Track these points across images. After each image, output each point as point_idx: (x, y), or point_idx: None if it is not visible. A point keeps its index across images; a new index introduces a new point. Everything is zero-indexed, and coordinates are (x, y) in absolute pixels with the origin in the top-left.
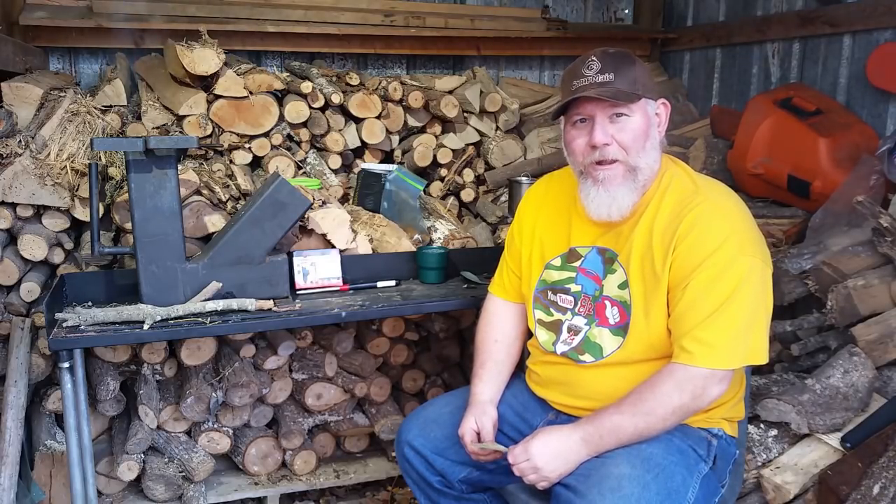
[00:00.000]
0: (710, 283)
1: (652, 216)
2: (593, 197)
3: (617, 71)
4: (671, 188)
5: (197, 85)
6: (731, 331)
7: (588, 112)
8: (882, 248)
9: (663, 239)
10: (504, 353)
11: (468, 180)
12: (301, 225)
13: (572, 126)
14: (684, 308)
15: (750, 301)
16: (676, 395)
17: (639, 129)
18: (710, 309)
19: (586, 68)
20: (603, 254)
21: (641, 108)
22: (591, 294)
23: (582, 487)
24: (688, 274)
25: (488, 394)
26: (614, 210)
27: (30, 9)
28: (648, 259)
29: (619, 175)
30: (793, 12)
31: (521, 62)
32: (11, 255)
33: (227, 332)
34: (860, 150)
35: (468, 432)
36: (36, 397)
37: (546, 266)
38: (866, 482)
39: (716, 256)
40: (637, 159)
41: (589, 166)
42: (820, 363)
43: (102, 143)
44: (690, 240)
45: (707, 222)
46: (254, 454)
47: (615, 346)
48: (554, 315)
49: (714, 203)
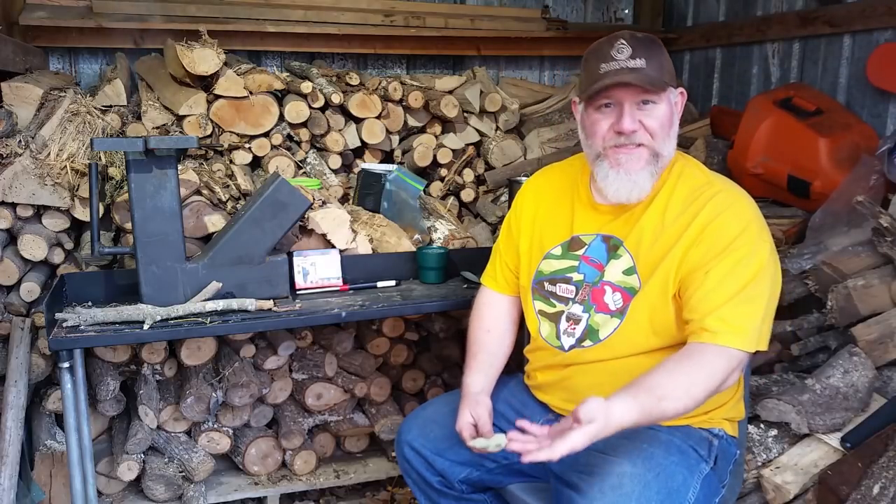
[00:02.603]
0: (734, 267)
1: (664, 202)
2: (612, 180)
3: (648, 57)
4: (683, 177)
5: (197, 85)
6: (751, 314)
7: (617, 97)
8: (882, 248)
9: (677, 224)
10: (496, 343)
11: (468, 180)
12: (301, 225)
13: (595, 109)
14: (707, 290)
15: (767, 287)
16: (702, 373)
17: (664, 116)
18: (734, 291)
19: (616, 51)
20: (607, 241)
21: (666, 95)
22: (591, 281)
23: (583, 485)
24: (711, 258)
25: (480, 384)
26: (635, 193)
27: (30, 9)
28: (659, 244)
29: (644, 159)
30: (793, 12)
31: (521, 62)
32: (11, 255)
33: (227, 332)
34: (860, 150)
35: (466, 427)
36: (36, 397)
37: (545, 256)
38: (866, 482)
39: (739, 241)
40: (662, 146)
41: (609, 150)
42: (820, 363)
43: (102, 143)
44: (714, 226)
45: (729, 208)
46: (254, 454)
47: (613, 328)
48: (556, 306)
49: (731, 192)
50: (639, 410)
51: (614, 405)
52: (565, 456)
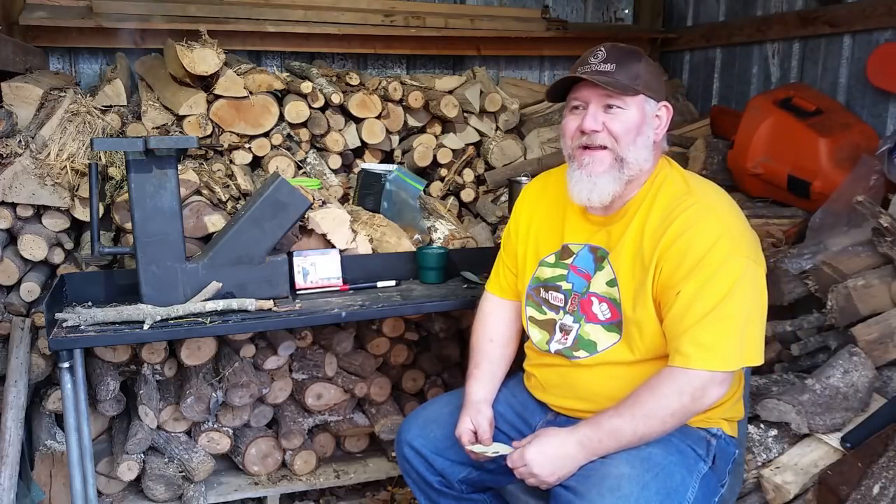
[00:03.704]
0: (704, 285)
1: (644, 216)
2: (576, 181)
3: (619, 63)
4: (663, 188)
5: (197, 85)
6: (727, 333)
7: (584, 98)
8: (882, 248)
9: (653, 238)
10: (499, 353)
11: (468, 180)
12: (301, 225)
13: (569, 111)
14: (679, 311)
15: (744, 302)
16: (676, 399)
17: (631, 122)
18: (705, 310)
19: (592, 56)
20: (594, 252)
21: (638, 104)
22: (580, 291)
23: (581, 488)
24: (681, 277)
25: (482, 393)
26: (595, 195)
27: (30, 9)
28: (639, 259)
29: (606, 163)
30: (793, 12)
31: (521, 62)
32: (11, 255)
33: (227, 332)
34: (860, 150)
35: (465, 433)
36: (36, 397)
37: (540, 263)
38: (866, 482)
39: (708, 258)
40: (626, 151)
41: (576, 150)
42: (820, 363)
43: (102, 143)
44: (682, 242)
45: (698, 224)
46: (254, 454)
47: (611, 342)
48: (547, 314)
49: (706, 204)
50: (578, 446)
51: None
52: None
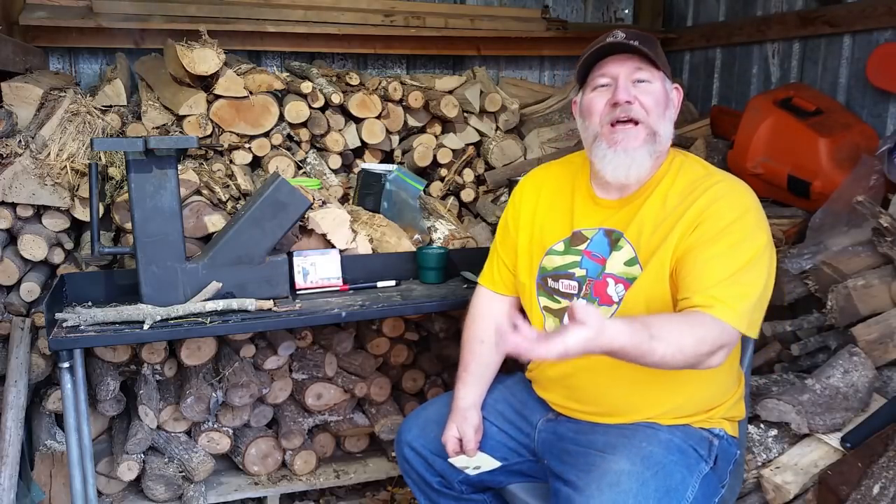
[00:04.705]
0: (728, 250)
1: (664, 192)
2: (610, 159)
3: (641, 40)
4: (683, 169)
5: (197, 85)
6: (745, 296)
7: (612, 73)
8: (882, 248)
9: (677, 211)
10: (489, 354)
11: (468, 180)
12: (301, 225)
13: (592, 90)
14: (701, 271)
15: (762, 276)
16: (698, 332)
17: (660, 95)
18: (731, 271)
19: (610, 37)
20: (609, 235)
21: (661, 80)
22: (594, 276)
23: (581, 483)
24: (707, 241)
25: (470, 399)
26: (633, 172)
27: (30, 9)
28: (659, 232)
29: (641, 137)
30: (793, 12)
31: (521, 62)
32: (11, 255)
33: (227, 332)
34: (860, 150)
35: (450, 440)
36: (36, 397)
37: (547, 252)
38: (866, 482)
39: (736, 225)
40: (658, 124)
41: (606, 128)
42: (820, 363)
43: (102, 143)
44: (713, 210)
45: (727, 196)
46: (254, 454)
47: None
48: (561, 302)
49: (730, 184)
50: (629, 336)
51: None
52: (560, 360)
